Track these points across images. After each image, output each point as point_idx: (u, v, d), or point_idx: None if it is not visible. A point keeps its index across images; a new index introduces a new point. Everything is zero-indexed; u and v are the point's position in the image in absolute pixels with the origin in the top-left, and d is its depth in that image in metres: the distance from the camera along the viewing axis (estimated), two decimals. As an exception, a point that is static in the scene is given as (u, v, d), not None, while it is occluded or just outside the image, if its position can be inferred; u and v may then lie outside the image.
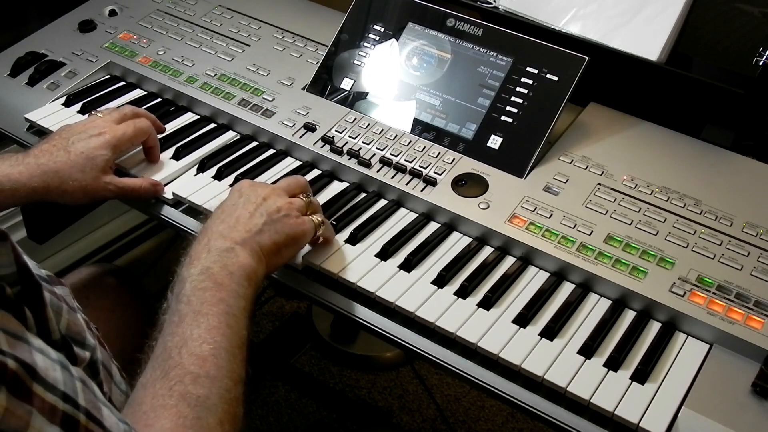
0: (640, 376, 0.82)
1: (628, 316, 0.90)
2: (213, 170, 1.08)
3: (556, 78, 1.07)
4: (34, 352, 0.54)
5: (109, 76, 1.28)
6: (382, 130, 1.11)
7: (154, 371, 0.69)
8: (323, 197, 1.05)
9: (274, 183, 0.94)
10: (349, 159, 1.08)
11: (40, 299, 0.61)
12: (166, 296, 0.78)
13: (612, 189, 1.02)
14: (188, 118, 1.20)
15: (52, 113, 1.18)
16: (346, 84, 1.17)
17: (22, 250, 0.60)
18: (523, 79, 1.08)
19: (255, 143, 1.15)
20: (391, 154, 1.08)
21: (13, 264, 0.58)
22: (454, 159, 1.07)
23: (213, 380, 0.68)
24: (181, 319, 0.73)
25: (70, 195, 0.99)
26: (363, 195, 1.06)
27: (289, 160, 1.12)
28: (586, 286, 0.93)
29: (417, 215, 1.03)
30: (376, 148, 1.09)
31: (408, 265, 0.94)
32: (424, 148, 1.09)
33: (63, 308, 0.71)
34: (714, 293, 0.88)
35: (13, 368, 0.51)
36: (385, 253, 0.96)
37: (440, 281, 0.92)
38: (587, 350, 0.85)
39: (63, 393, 0.54)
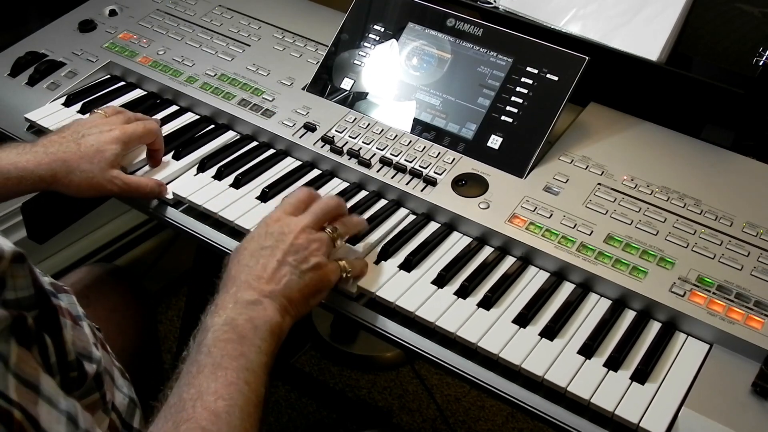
0: (640, 376, 0.82)
1: (628, 316, 0.90)
2: (213, 170, 1.08)
3: (556, 78, 1.07)
4: (40, 402, 0.54)
5: (109, 76, 1.28)
6: (382, 130, 1.11)
7: (166, 422, 0.67)
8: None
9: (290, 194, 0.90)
10: (349, 159, 1.08)
11: (57, 323, 0.61)
12: (188, 343, 0.76)
13: (612, 189, 1.02)
14: (188, 118, 1.20)
15: (52, 113, 1.18)
16: (346, 84, 1.17)
17: (39, 272, 0.60)
18: (523, 79, 1.08)
19: (255, 143, 1.15)
20: (391, 154, 1.08)
21: (31, 287, 0.58)
22: (454, 159, 1.07)
23: None
24: (199, 370, 0.71)
25: (76, 186, 0.98)
26: (363, 195, 1.06)
27: (289, 160, 1.12)
28: (586, 286, 0.93)
29: (417, 215, 1.03)
30: (376, 148, 1.09)
31: (408, 265, 0.94)
32: (424, 148, 1.09)
33: (67, 324, 0.71)
34: (714, 293, 0.88)
35: (18, 419, 0.51)
36: (385, 253, 0.96)
37: (440, 281, 0.92)
38: (587, 350, 0.85)
39: None
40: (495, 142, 1.07)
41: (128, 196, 1.04)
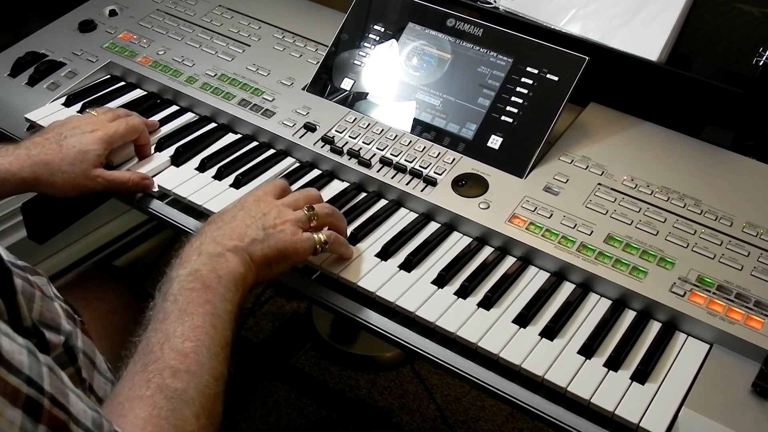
0: (641, 376, 0.82)
1: (629, 316, 0.90)
2: (213, 170, 1.08)
3: (556, 78, 1.07)
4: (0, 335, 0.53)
5: (109, 76, 1.28)
6: (382, 130, 1.11)
7: (135, 365, 0.69)
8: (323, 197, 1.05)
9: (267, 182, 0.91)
10: (349, 159, 1.08)
11: (10, 285, 0.60)
12: (154, 295, 0.79)
13: (612, 189, 1.02)
14: (188, 118, 1.20)
15: (53, 113, 1.18)
16: (346, 84, 1.17)
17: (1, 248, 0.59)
18: (523, 79, 1.08)
19: (255, 143, 1.15)
20: (391, 154, 1.08)
21: None
22: (454, 159, 1.07)
23: (193, 376, 0.68)
24: (165, 316, 0.74)
25: (59, 187, 1.00)
26: (363, 195, 1.06)
27: (289, 160, 1.12)
28: (586, 286, 0.93)
29: (417, 215, 1.03)
30: (376, 148, 1.09)
31: (408, 265, 0.94)
32: (424, 148, 1.09)
33: (36, 294, 0.70)
34: (714, 293, 0.88)
35: None
36: (385, 253, 0.96)
37: (440, 281, 0.92)
38: (587, 350, 0.85)
39: (27, 377, 0.53)
40: (495, 142, 1.07)
41: (113, 192, 1.05)
